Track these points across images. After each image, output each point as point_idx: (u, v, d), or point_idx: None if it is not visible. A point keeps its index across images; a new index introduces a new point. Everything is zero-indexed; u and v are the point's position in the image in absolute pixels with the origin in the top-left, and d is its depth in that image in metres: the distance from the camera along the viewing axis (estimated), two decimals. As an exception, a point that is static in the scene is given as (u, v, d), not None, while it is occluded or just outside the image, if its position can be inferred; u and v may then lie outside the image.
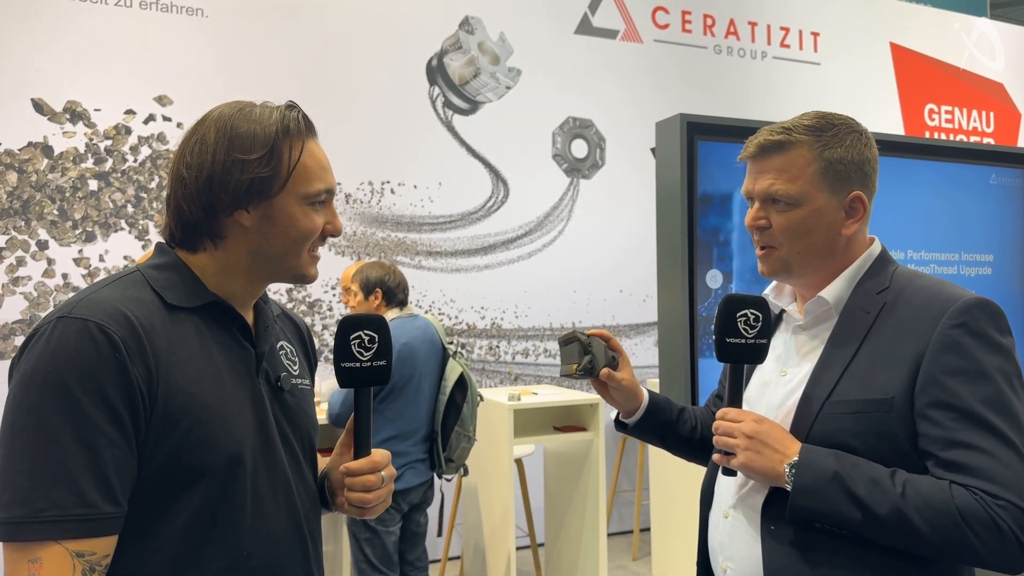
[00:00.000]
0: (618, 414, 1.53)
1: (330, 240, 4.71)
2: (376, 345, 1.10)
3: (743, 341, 1.25)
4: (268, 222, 1.04)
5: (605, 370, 1.44)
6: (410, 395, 2.98)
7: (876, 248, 1.31)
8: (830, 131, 1.26)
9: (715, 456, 1.26)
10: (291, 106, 1.08)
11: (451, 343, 3.14)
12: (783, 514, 1.18)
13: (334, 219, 1.09)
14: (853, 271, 1.28)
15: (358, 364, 1.09)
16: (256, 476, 1.03)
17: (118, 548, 0.93)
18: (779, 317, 1.39)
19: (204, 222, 1.03)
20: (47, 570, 0.87)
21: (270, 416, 1.07)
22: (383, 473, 1.11)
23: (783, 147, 1.25)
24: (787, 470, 1.16)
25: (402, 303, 3.09)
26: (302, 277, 1.09)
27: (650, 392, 1.52)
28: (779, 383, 1.31)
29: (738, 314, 1.26)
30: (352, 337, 1.09)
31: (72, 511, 0.88)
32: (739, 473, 1.24)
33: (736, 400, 1.28)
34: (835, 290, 1.27)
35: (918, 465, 1.14)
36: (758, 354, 1.27)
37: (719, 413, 1.26)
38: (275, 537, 1.05)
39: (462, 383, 3.07)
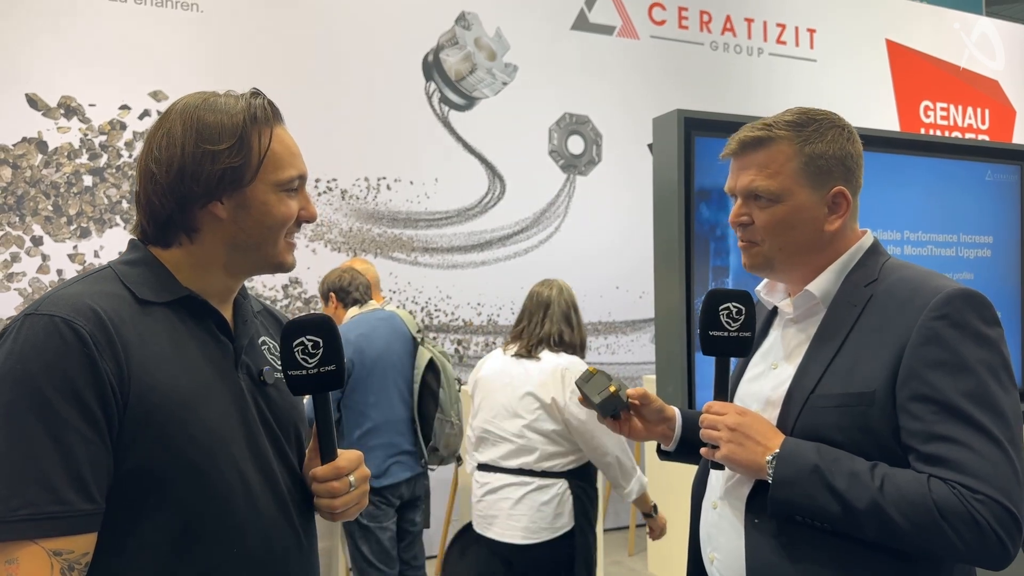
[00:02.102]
0: (658, 444, 1.51)
1: (326, 236, 4.66)
2: (321, 350, 1.05)
3: (726, 334, 1.26)
4: (243, 211, 1.03)
5: (640, 389, 1.44)
6: (376, 384, 2.96)
7: (867, 240, 1.30)
8: (811, 126, 1.25)
9: (702, 450, 1.27)
10: (256, 93, 1.06)
11: (419, 332, 3.16)
12: (767, 507, 1.17)
13: (308, 204, 1.09)
14: (841, 264, 1.27)
15: (304, 372, 1.04)
16: (242, 470, 1.01)
17: (104, 548, 0.91)
18: (774, 311, 1.39)
19: (178, 215, 1.02)
20: (24, 570, 0.85)
21: (252, 410, 1.06)
22: (350, 478, 1.08)
23: (763, 143, 1.25)
24: (768, 462, 1.16)
25: (358, 301, 3.10)
26: (280, 265, 1.08)
27: (679, 409, 1.50)
28: (769, 376, 1.31)
29: (720, 307, 1.26)
30: (295, 344, 1.04)
31: (46, 509, 0.86)
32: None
33: (721, 393, 1.28)
34: (822, 283, 1.26)
35: (902, 459, 1.13)
36: (742, 347, 1.27)
37: (704, 406, 1.27)
38: (265, 531, 1.03)
39: (435, 369, 3.08)
